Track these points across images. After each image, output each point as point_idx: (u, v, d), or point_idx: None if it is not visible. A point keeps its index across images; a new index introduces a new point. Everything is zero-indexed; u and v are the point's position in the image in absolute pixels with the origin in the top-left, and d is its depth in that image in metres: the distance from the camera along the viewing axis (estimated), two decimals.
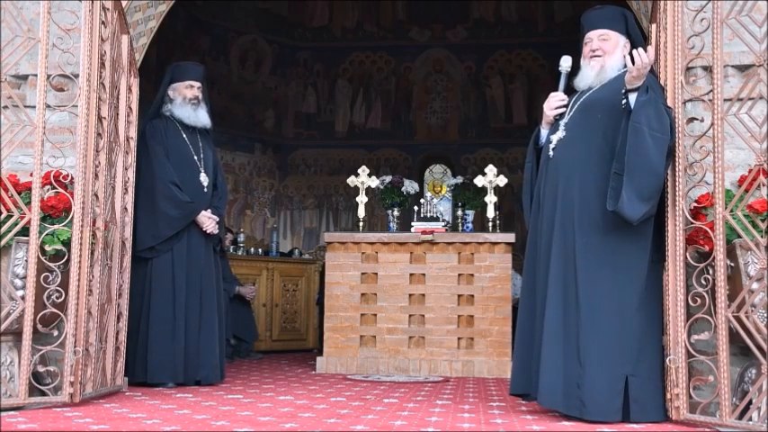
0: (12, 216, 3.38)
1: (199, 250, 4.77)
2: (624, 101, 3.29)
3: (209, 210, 4.79)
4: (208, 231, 4.77)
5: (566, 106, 3.61)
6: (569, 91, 3.67)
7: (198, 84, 4.92)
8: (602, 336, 3.25)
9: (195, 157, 4.85)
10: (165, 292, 4.62)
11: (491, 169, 6.29)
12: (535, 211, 3.64)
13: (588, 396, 3.21)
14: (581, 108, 3.52)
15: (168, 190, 4.67)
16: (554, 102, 3.62)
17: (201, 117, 4.90)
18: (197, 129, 4.90)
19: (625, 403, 3.23)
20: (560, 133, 3.54)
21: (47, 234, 3.44)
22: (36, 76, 3.55)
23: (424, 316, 5.98)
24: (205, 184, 4.85)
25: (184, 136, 4.85)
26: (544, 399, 3.35)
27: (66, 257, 3.45)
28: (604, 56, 3.54)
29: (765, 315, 3.05)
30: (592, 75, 3.57)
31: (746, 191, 3.09)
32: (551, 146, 3.56)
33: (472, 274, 5.97)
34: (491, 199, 6.23)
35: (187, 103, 4.86)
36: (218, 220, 4.83)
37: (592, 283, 3.30)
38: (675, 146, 3.29)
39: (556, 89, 3.66)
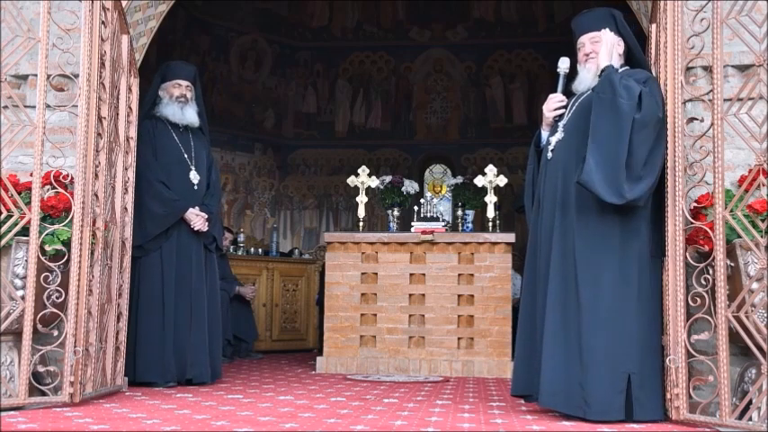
0: (12, 216, 3.37)
1: (189, 249, 4.75)
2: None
3: (196, 207, 4.78)
4: (195, 228, 4.74)
5: (565, 107, 3.62)
6: (569, 92, 3.68)
7: (186, 83, 4.92)
8: (605, 334, 3.25)
9: (185, 156, 4.84)
10: (154, 291, 4.61)
11: (491, 169, 6.29)
12: (535, 213, 3.65)
13: (592, 395, 3.21)
14: (579, 109, 3.53)
15: (154, 188, 4.66)
16: (552, 104, 3.63)
17: (188, 115, 4.89)
18: (189, 128, 4.91)
19: (627, 402, 3.23)
20: (559, 135, 3.55)
21: (47, 234, 3.44)
22: (36, 76, 3.55)
23: (424, 316, 5.98)
24: (195, 182, 4.84)
25: (174, 135, 4.85)
26: (545, 399, 3.35)
27: (66, 257, 3.45)
28: (598, 57, 3.55)
29: (765, 315, 3.05)
30: (589, 77, 3.58)
31: (746, 191, 3.09)
32: (550, 147, 3.58)
33: (472, 274, 5.97)
34: (491, 199, 6.23)
35: (174, 102, 4.87)
36: (206, 217, 4.80)
37: (593, 283, 3.30)
38: (655, 117, 3.29)
39: (555, 90, 3.67)
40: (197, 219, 4.75)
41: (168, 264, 4.67)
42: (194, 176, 4.84)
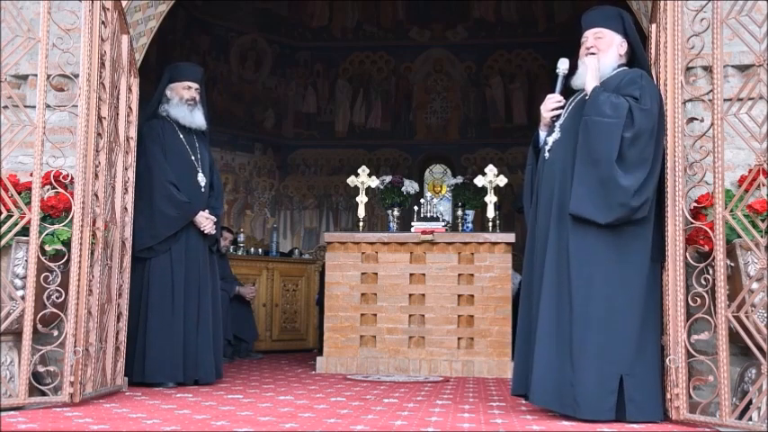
0: (12, 216, 3.38)
1: (197, 250, 4.78)
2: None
3: (206, 210, 4.80)
4: (206, 232, 4.78)
5: (562, 107, 3.63)
6: (568, 93, 3.68)
7: (196, 85, 4.93)
8: (595, 334, 3.26)
9: (192, 158, 4.86)
10: (164, 293, 4.62)
11: (491, 169, 6.29)
12: (533, 212, 3.66)
13: (581, 395, 3.22)
14: (576, 108, 3.54)
15: (166, 190, 4.67)
16: (550, 104, 3.64)
17: (197, 118, 4.90)
18: (193, 129, 4.91)
19: (622, 402, 3.23)
20: (556, 134, 3.57)
21: (47, 234, 3.44)
22: (36, 76, 3.55)
23: (424, 316, 5.98)
24: (203, 184, 4.86)
25: (181, 136, 4.86)
26: (536, 397, 3.35)
27: (66, 257, 3.45)
28: (599, 53, 3.56)
29: (765, 315, 3.05)
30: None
31: (746, 191, 3.09)
32: (547, 147, 3.59)
33: (472, 274, 5.97)
34: (491, 199, 6.23)
35: (184, 104, 4.87)
36: (215, 220, 4.84)
37: (586, 283, 3.30)
38: (648, 130, 3.30)
39: (554, 91, 3.67)
40: (207, 222, 4.78)
41: (178, 265, 4.68)
42: (201, 179, 4.86)
